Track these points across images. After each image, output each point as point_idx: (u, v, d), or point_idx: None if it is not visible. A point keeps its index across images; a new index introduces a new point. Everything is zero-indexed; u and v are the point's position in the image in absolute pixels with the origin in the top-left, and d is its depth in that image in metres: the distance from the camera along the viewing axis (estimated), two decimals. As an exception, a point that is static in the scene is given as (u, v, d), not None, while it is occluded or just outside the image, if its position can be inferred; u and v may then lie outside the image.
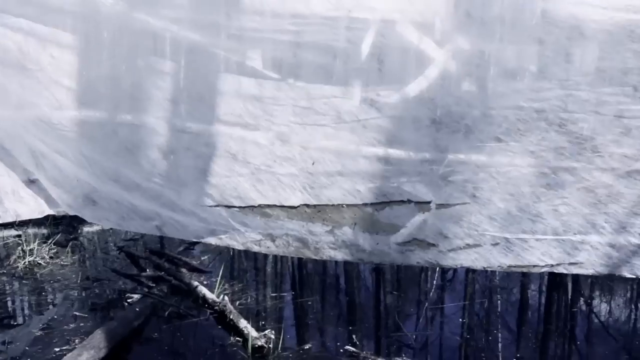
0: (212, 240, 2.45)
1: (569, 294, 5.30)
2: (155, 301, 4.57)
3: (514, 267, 2.10)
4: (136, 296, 4.66)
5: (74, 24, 2.16)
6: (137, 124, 2.24)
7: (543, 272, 5.91)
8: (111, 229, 6.67)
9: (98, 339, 3.77)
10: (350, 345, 3.95)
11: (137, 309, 4.37)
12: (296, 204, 2.18)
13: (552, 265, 2.06)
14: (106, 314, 4.48)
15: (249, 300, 4.78)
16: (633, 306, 5.05)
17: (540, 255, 2.06)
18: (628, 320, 4.76)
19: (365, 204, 2.15)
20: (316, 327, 4.48)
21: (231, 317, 4.18)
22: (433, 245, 2.18)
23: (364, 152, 2.08)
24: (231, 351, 3.96)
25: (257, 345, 3.85)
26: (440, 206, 2.11)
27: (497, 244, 2.06)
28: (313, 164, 2.10)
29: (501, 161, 1.97)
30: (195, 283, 4.74)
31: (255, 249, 2.39)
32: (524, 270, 2.14)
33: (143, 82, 2.18)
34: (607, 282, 5.64)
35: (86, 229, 6.44)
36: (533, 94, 1.90)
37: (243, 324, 4.07)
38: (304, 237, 2.23)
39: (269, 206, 2.22)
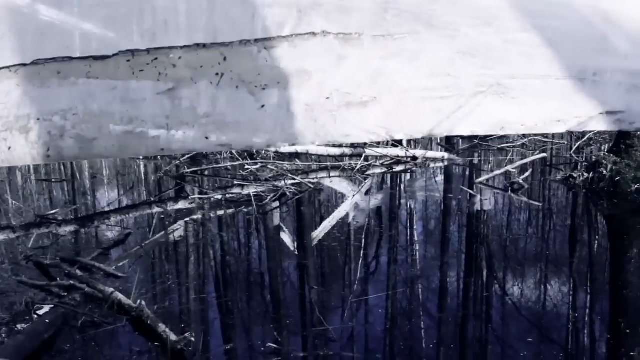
0: None
1: (484, 279, 5.49)
2: (67, 311, 4.32)
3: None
4: (46, 307, 4.39)
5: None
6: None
7: (460, 260, 6.07)
8: (18, 236, 6.28)
9: (4, 355, 3.52)
10: (273, 342, 3.89)
11: (47, 321, 4.12)
12: None
13: None
14: (13, 328, 4.19)
15: (168, 303, 4.62)
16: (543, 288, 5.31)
17: None
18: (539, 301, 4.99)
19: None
20: (239, 327, 4.39)
21: (149, 322, 4.02)
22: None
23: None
24: (150, 357, 3.81)
25: (177, 349, 3.72)
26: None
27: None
28: None
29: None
30: (111, 289, 4.53)
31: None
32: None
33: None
34: (518, 268, 5.90)
35: (-10, 239, 6.01)
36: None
37: (162, 328, 3.92)
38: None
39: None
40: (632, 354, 3.96)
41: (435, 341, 4.12)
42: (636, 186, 8.79)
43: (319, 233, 6.91)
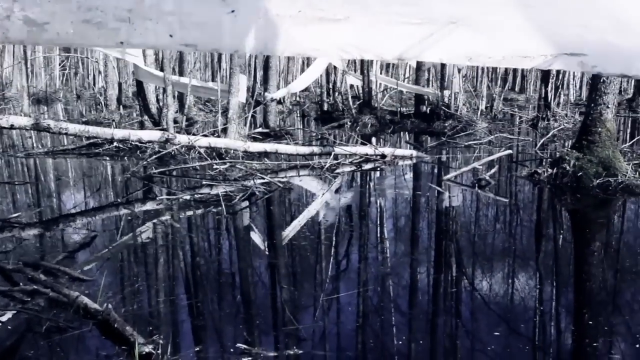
0: None
1: (453, 274, 5.56)
2: (30, 317, 4.20)
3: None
4: (9, 313, 4.26)
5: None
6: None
7: (430, 255, 6.12)
8: (-21, 242, 6.09)
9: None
10: (243, 343, 3.86)
11: (9, 327, 4.00)
12: None
13: None
14: (-27, 335, 4.05)
15: (136, 306, 4.54)
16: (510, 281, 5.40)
17: None
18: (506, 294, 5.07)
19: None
20: (209, 328, 4.34)
21: (116, 325, 3.94)
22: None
23: None
24: (117, 361, 3.73)
25: (144, 353, 3.66)
26: None
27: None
28: None
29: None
30: (76, 293, 4.42)
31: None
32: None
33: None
34: (486, 263, 6.00)
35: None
36: None
37: (129, 331, 3.85)
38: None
39: None
40: (594, 344, 4.05)
41: (406, 337, 4.14)
42: (598, 181, 9.02)
43: (289, 232, 6.89)
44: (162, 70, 14.71)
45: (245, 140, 12.50)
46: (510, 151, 12.48)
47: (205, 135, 12.56)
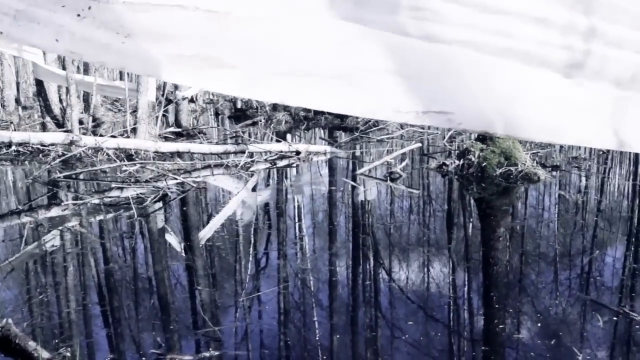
0: None
1: (371, 266, 5.68)
2: None
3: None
4: None
5: None
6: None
7: (348, 249, 6.19)
8: None
9: None
10: (157, 349, 3.74)
11: None
12: None
13: None
14: None
15: (41, 319, 4.27)
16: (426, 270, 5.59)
17: None
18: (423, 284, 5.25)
19: None
20: (122, 336, 4.16)
21: (17, 341, 3.68)
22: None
23: None
24: (24, 379, 3.50)
25: (53, 367, 3.45)
26: None
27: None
28: None
29: None
30: (-27, 310, 4.10)
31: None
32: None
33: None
34: (401, 253, 6.18)
35: None
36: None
37: (32, 346, 3.61)
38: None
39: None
40: (501, 326, 4.28)
41: (327, 331, 4.18)
42: (500, 170, 9.56)
43: (206, 232, 6.76)
44: (64, 68, 13.95)
45: (156, 141, 12.11)
46: (420, 144, 12.93)
47: (113, 136, 12.05)
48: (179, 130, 15.64)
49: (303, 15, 1.61)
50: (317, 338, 4.05)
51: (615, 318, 4.33)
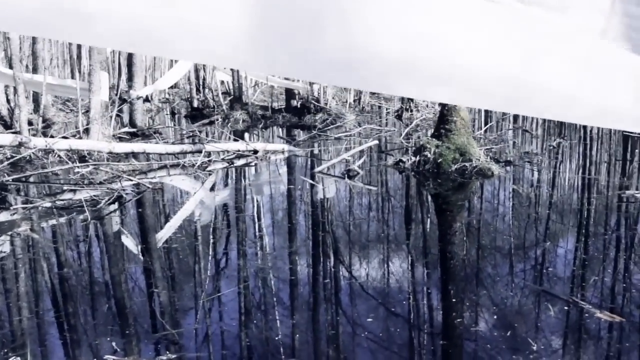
0: None
1: (332, 263, 5.71)
2: None
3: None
4: None
5: None
6: None
7: (308, 247, 6.20)
8: None
9: None
10: (112, 353, 3.66)
11: None
12: None
13: None
14: None
15: (-7, 328, 4.12)
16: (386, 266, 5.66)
17: None
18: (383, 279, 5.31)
19: None
20: (77, 342, 4.05)
21: (-31, 351, 3.55)
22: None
23: None
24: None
25: (6, 378, 3.33)
26: None
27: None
28: None
29: None
30: None
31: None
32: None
33: None
34: (361, 249, 6.23)
35: None
36: None
37: (-15, 356, 3.49)
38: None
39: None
40: (459, 319, 4.38)
41: (291, 330, 4.18)
42: (455, 166, 9.75)
43: (163, 234, 6.65)
44: (11, 67, 13.45)
45: (110, 141, 11.83)
46: (376, 141, 13.05)
47: (65, 137, 11.70)
48: (134, 130, 15.32)
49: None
50: (279, 337, 4.04)
51: (566, 307, 4.49)
